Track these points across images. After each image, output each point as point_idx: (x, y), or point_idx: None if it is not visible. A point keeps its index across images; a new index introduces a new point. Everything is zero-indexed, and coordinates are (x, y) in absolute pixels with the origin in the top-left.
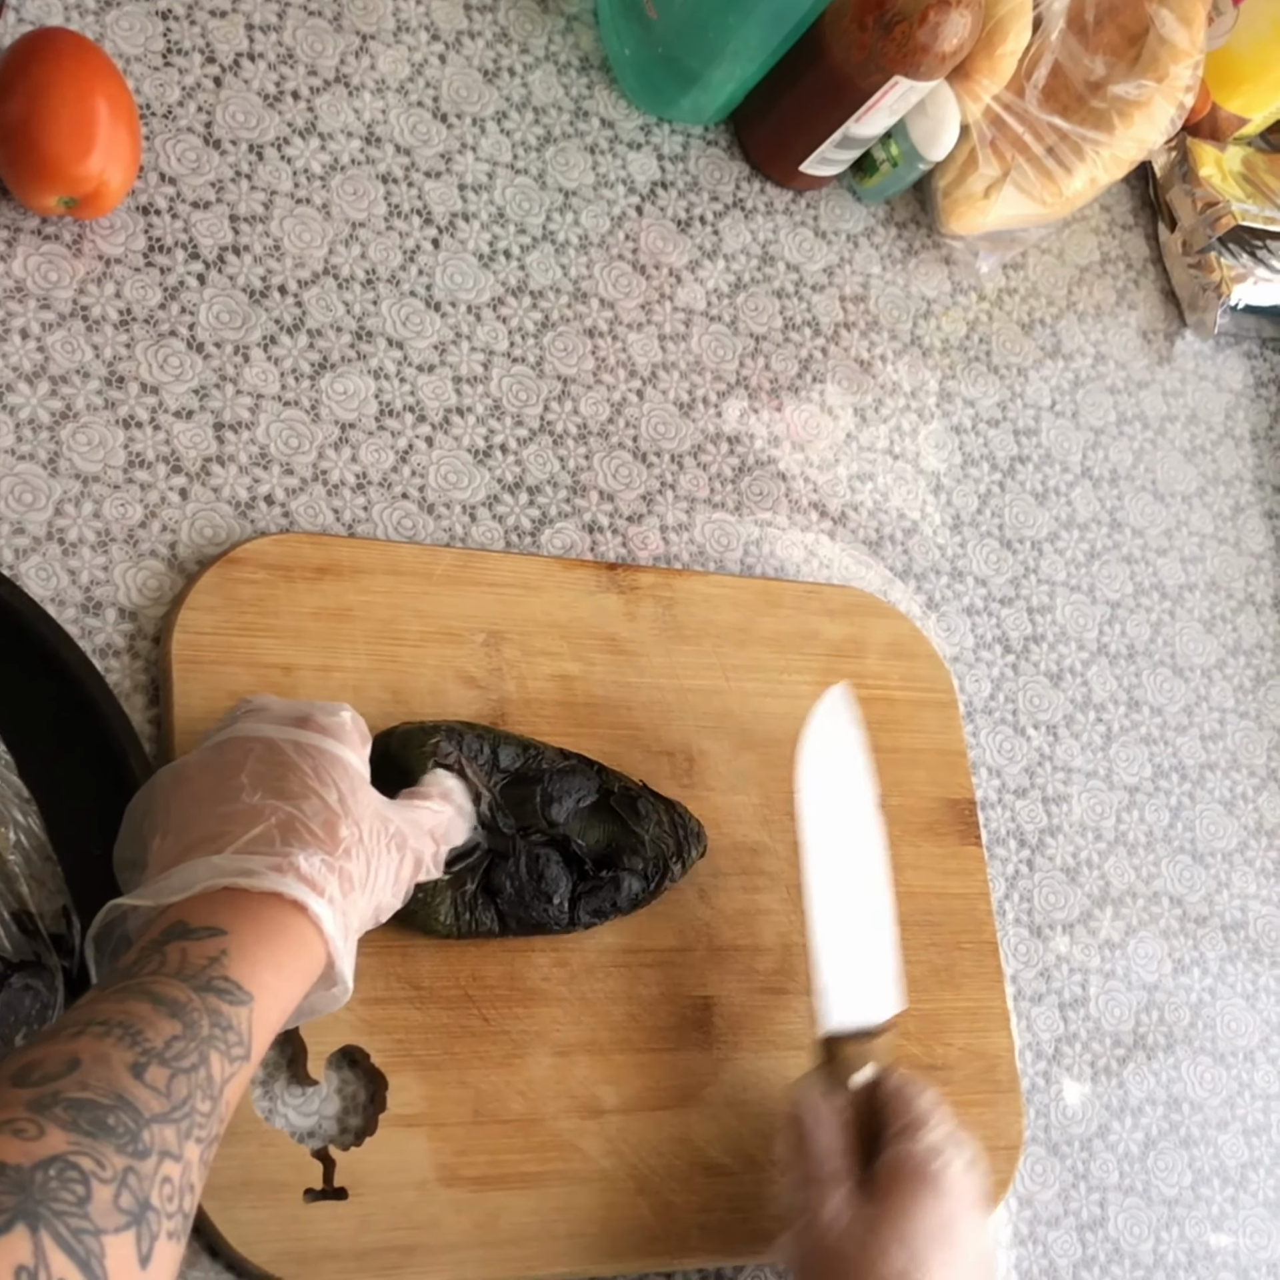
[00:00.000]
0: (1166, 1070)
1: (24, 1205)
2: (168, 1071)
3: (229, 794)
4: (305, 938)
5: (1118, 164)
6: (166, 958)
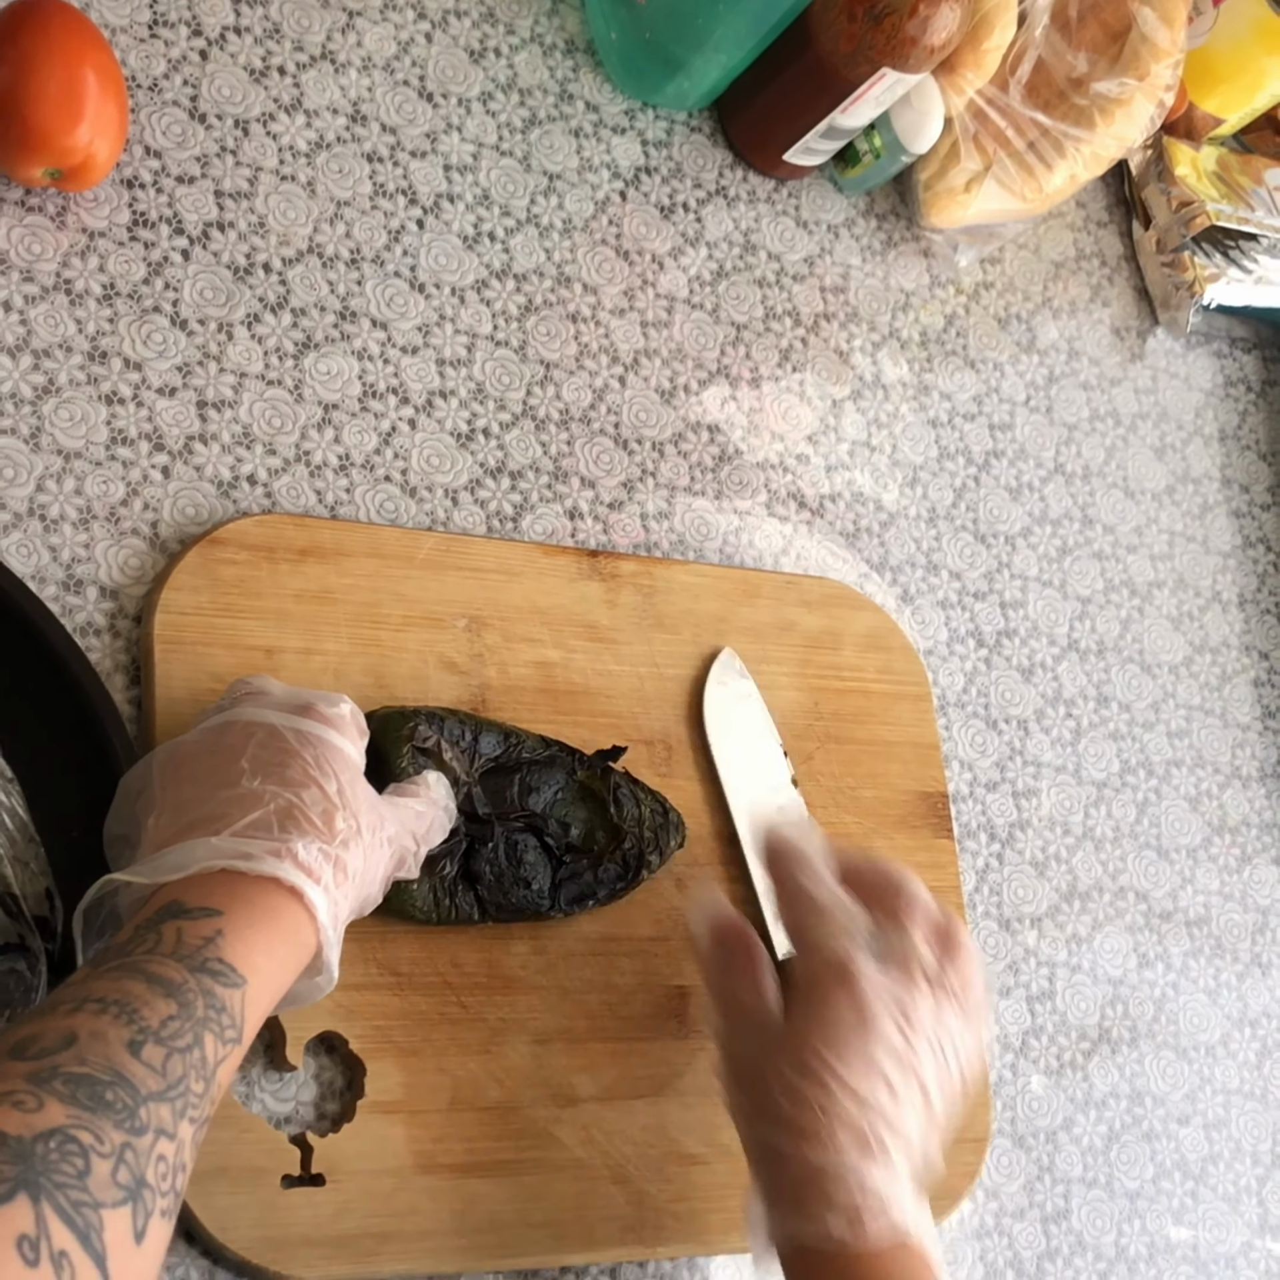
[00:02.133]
0: (1130, 1064)
1: (26, 1175)
2: (164, 1050)
3: (229, 777)
4: (298, 924)
5: (1097, 161)
6: (162, 937)
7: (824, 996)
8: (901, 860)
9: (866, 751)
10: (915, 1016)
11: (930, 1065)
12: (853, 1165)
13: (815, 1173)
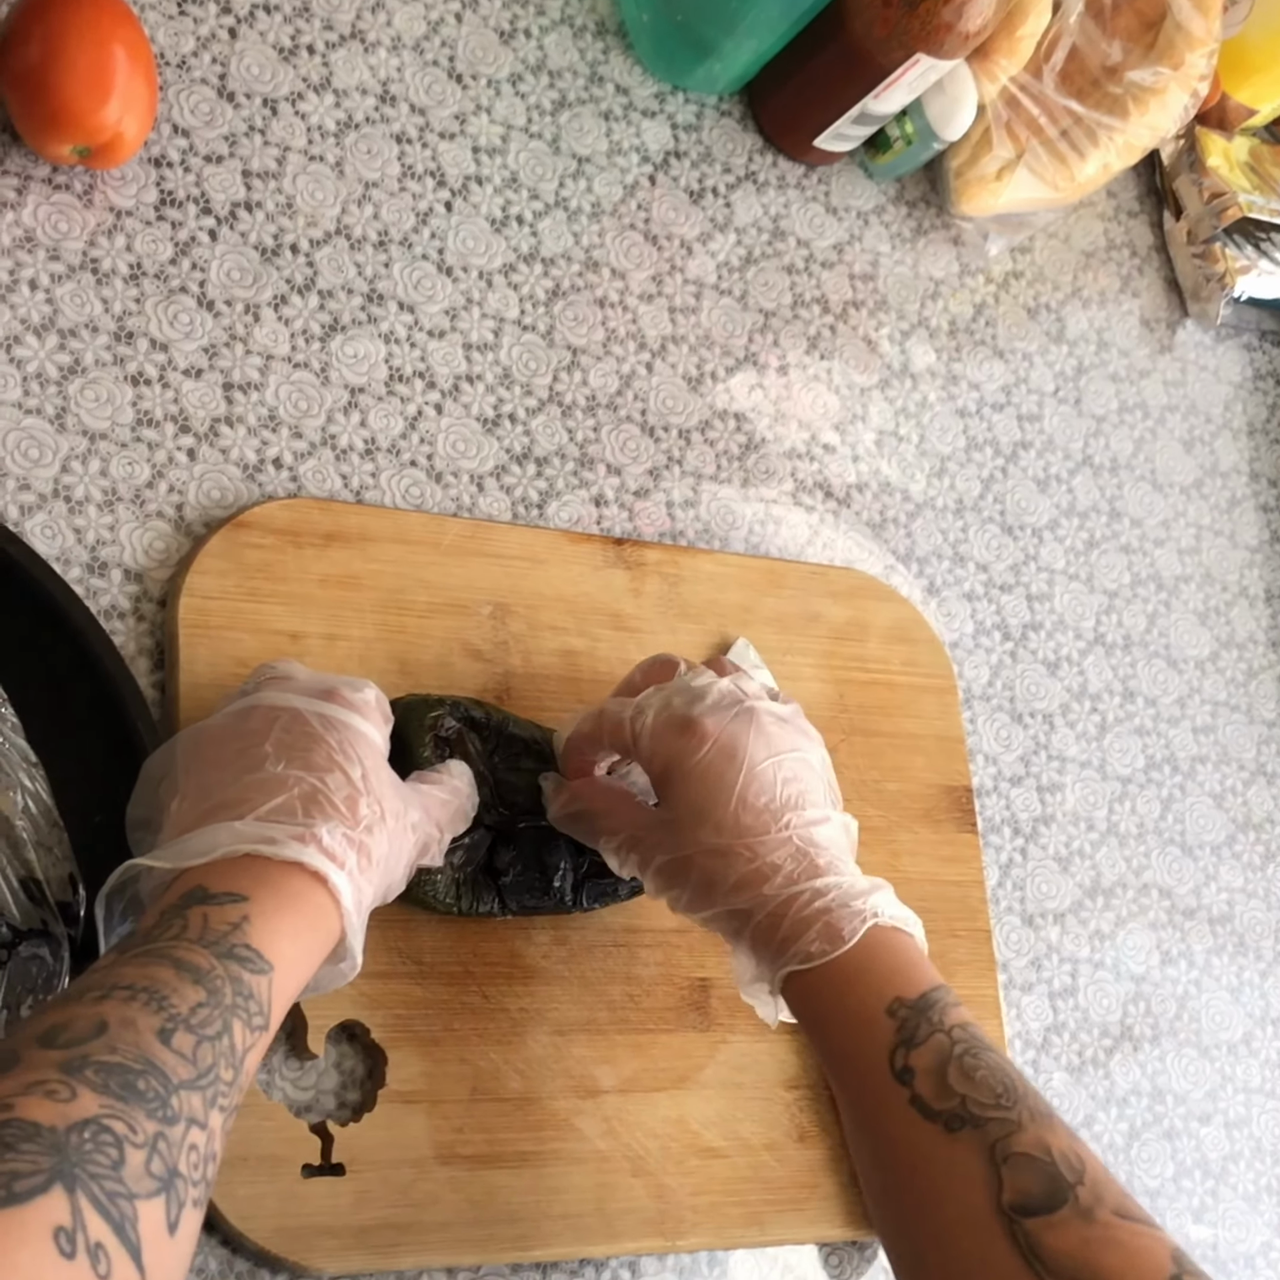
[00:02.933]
0: (1152, 1062)
1: (60, 1166)
2: (194, 1038)
3: (252, 761)
4: (322, 910)
5: (1130, 150)
6: (188, 922)
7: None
8: (926, 855)
9: (891, 744)
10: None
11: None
12: (800, 881)
13: (774, 911)
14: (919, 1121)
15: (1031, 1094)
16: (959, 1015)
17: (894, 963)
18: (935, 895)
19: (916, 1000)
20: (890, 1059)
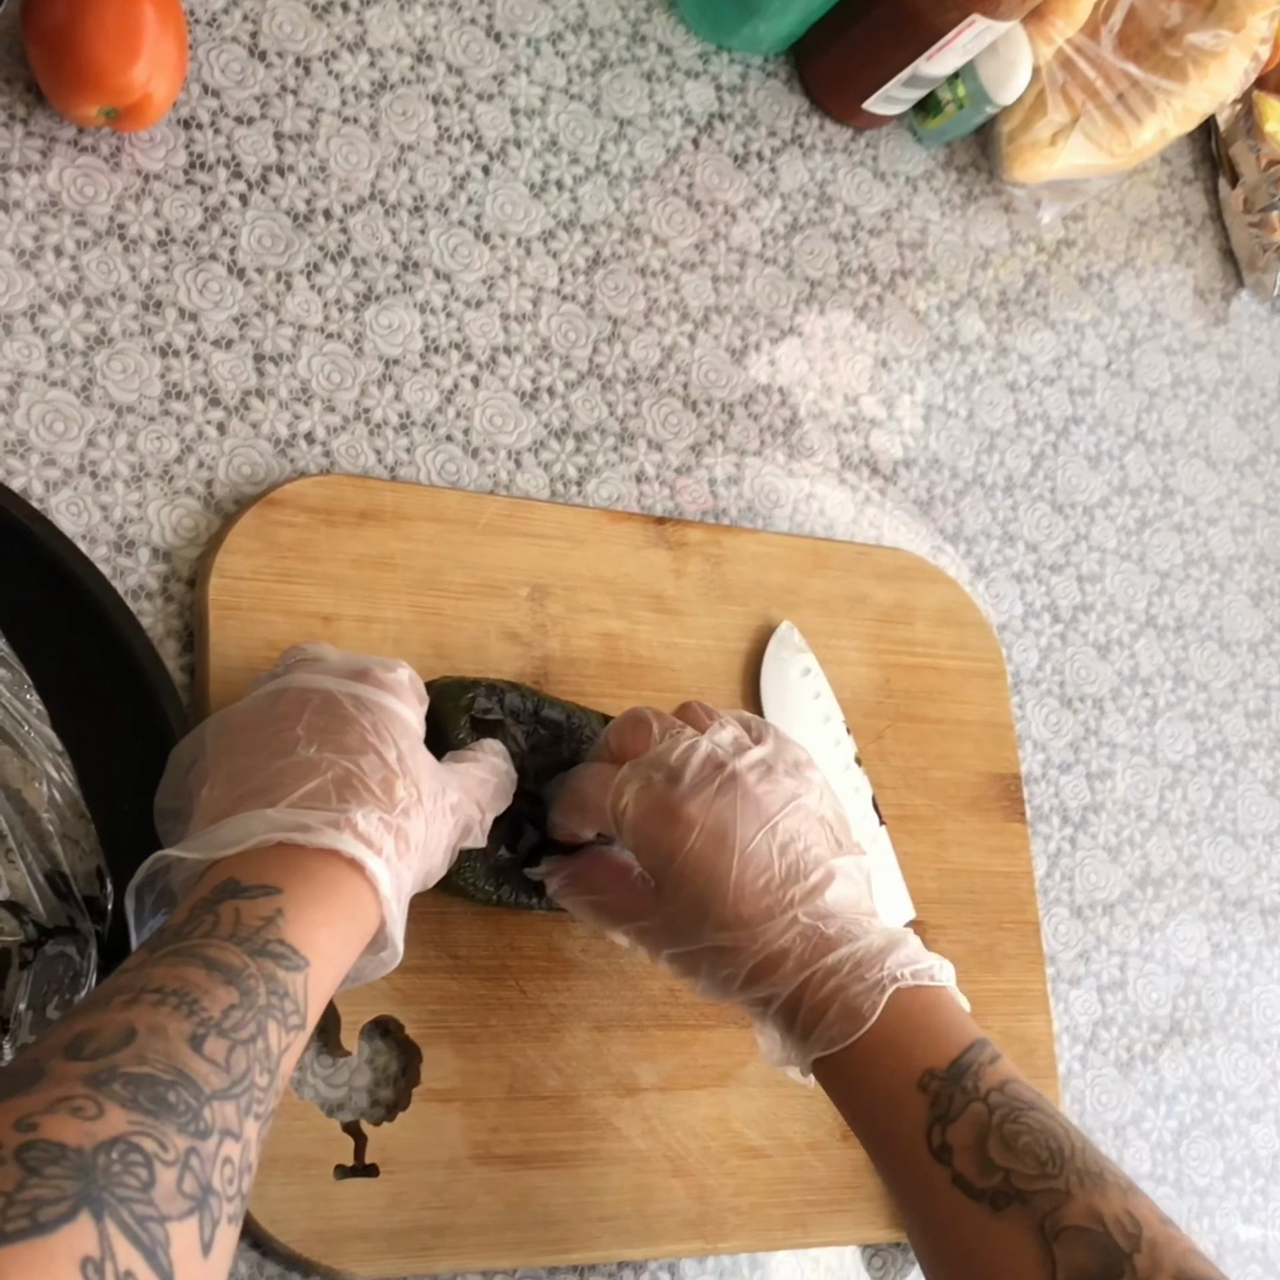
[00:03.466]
0: (1202, 1057)
1: (88, 1191)
2: (226, 1043)
3: (284, 746)
4: (360, 899)
5: (1189, 116)
6: (220, 918)
7: (671, 858)
8: (973, 845)
9: (938, 731)
10: (756, 795)
11: (797, 821)
12: (812, 962)
13: (791, 997)
14: (965, 1202)
15: (1079, 1151)
16: (996, 1074)
17: (921, 1029)
18: (983, 886)
19: (948, 1069)
20: (927, 1137)
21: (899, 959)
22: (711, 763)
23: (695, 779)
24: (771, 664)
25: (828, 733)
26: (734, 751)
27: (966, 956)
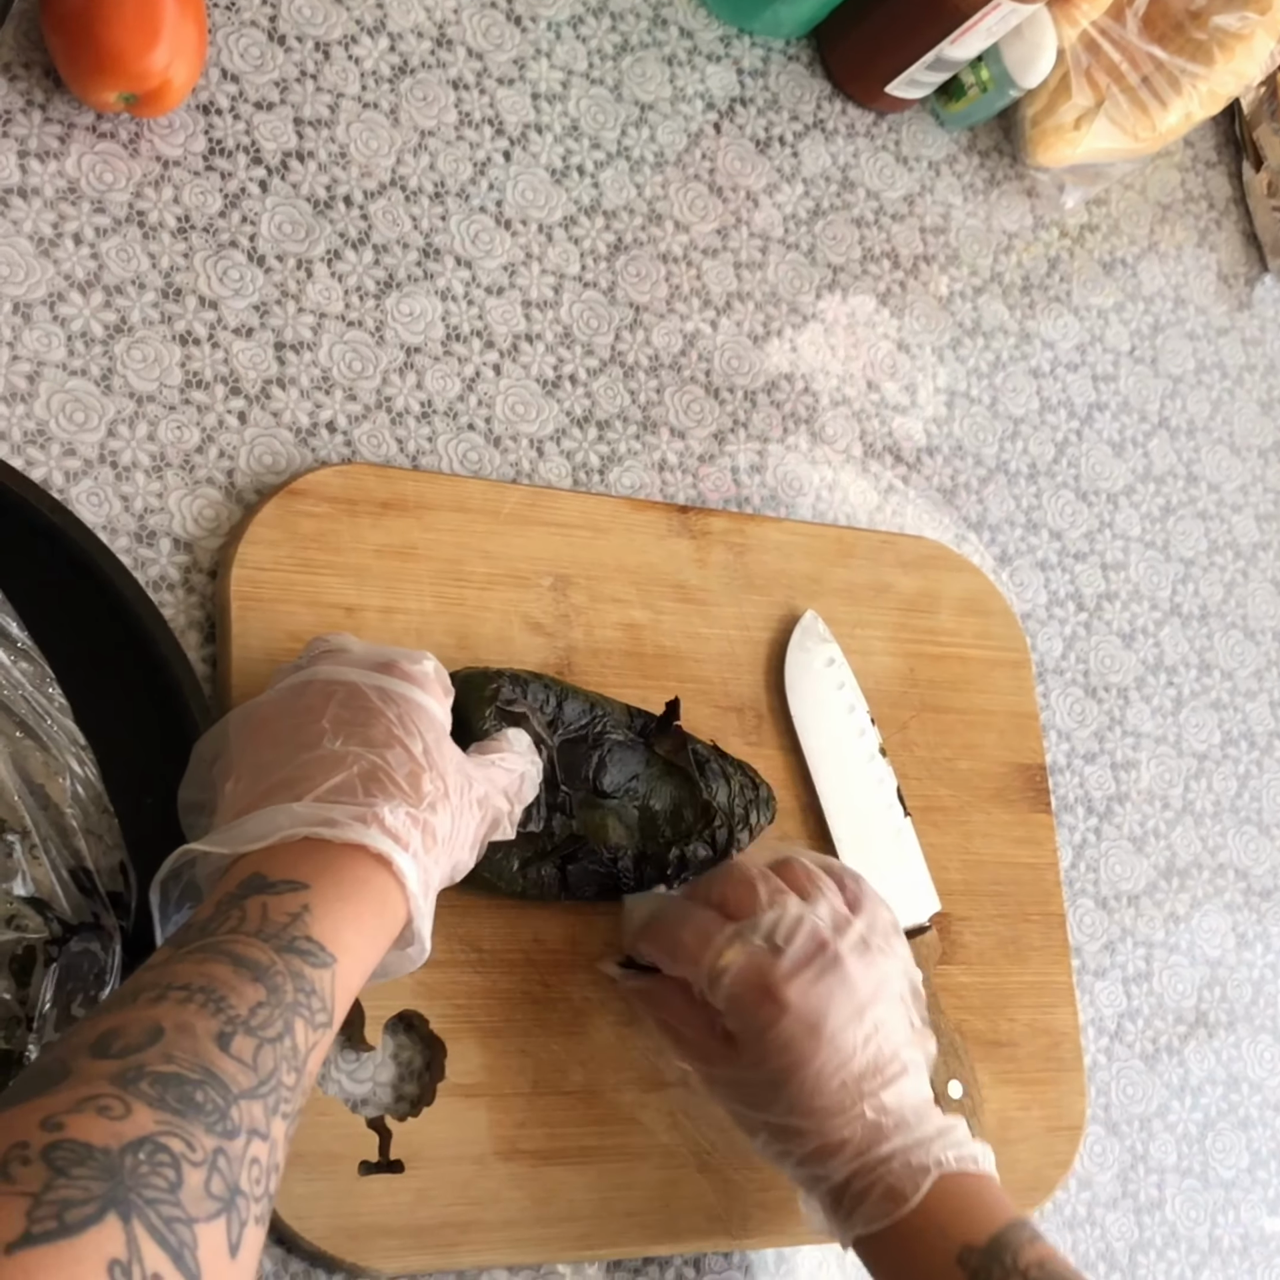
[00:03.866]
0: (1227, 1049)
1: (115, 1193)
2: (254, 1042)
3: (309, 739)
4: (387, 894)
5: (1214, 99)
6: (246, 914)
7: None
8: (999, 836)
9: (963, 721)
10: (853, 981)
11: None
12: (866, 1152)
13: (839, 1181)
14: None
15: None
16: (1036, 1253)
17: (962, 1208)
18: (1008, 878)
19: (987, 1245)
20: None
21: (944, 1144)
22: (815, 939)
23: (797, 957)
24: (796, 654)
25: (852, 723)
26: (834, 926)
27: (992, 949)
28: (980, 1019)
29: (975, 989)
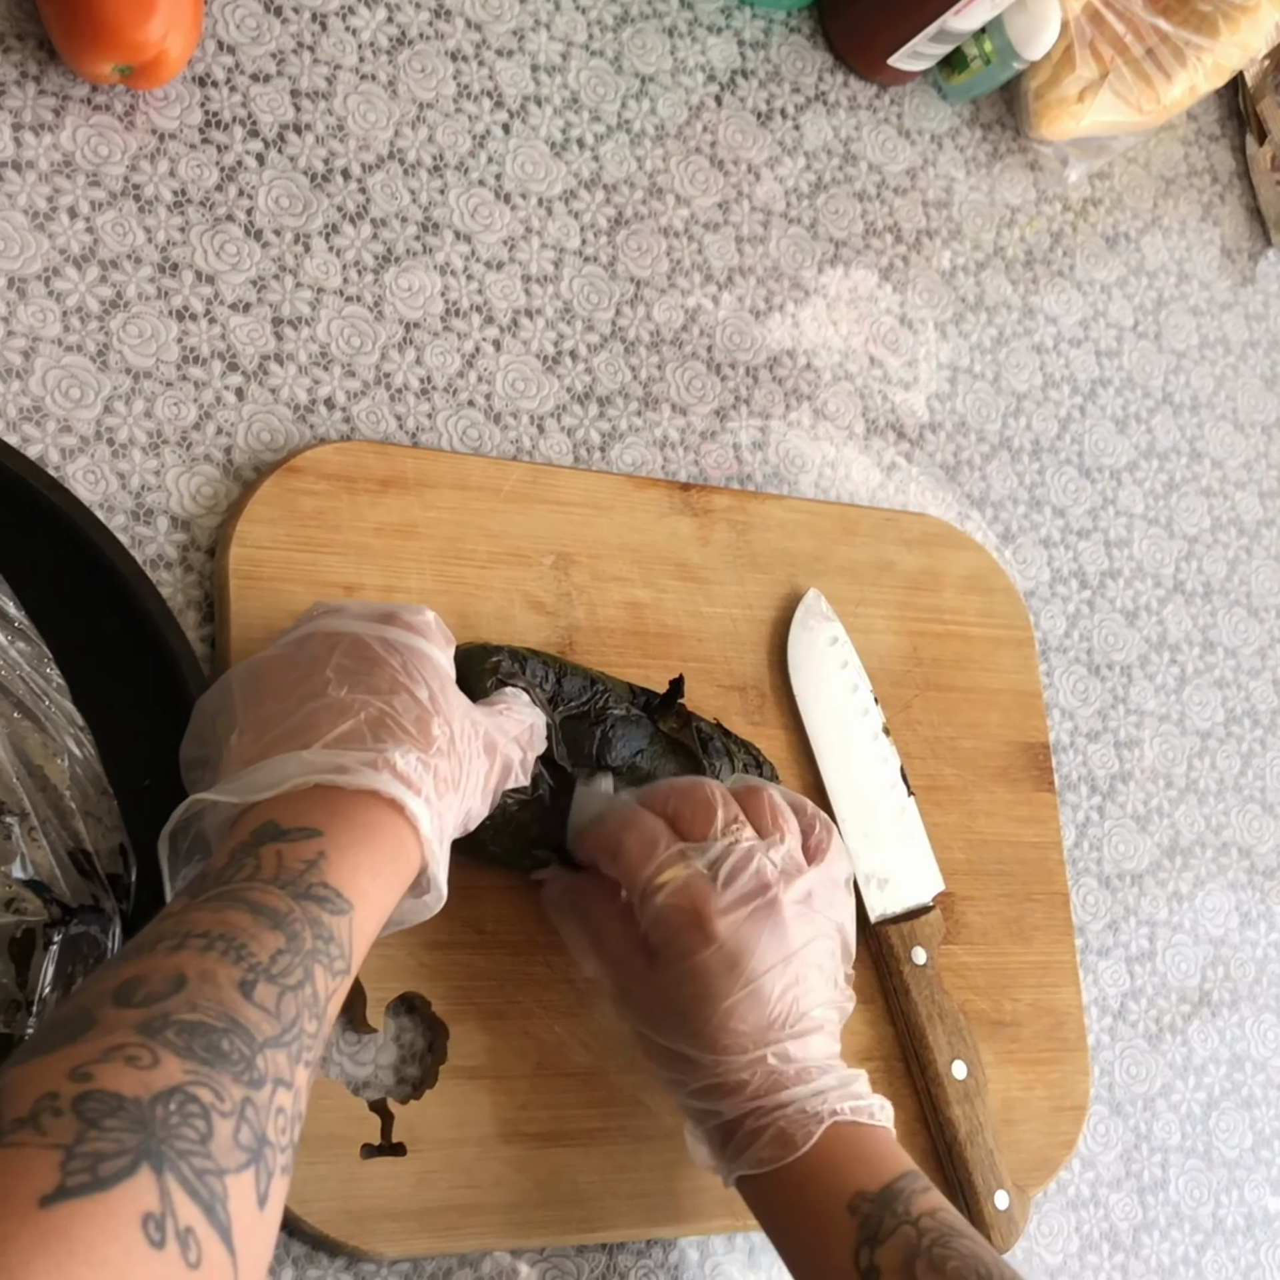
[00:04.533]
0: (1230, 1028)
1: (147, 1145)
2: (276, 989)
3: (314, 689)
4: (401, 840)
5: (1219, 72)
6: (261, 862)
7: (679, 958)
8: (1002, 815)
9: (966, 700)
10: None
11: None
12: (762, 1096)
13: (730, 1120)
14: None
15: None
16: (928, 1202)
17: (856, 1156)
18: (1012, 858)
19: (879, 1193)
20: (855, 1258)
21: (841, 1094)
22: (759, 879)
23: (736, 893)
24: (799, 632)
25: (855, 702)
26: (782, 870)
27: (996, 928)
28: (984, 999)
29: (979, 969)
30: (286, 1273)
